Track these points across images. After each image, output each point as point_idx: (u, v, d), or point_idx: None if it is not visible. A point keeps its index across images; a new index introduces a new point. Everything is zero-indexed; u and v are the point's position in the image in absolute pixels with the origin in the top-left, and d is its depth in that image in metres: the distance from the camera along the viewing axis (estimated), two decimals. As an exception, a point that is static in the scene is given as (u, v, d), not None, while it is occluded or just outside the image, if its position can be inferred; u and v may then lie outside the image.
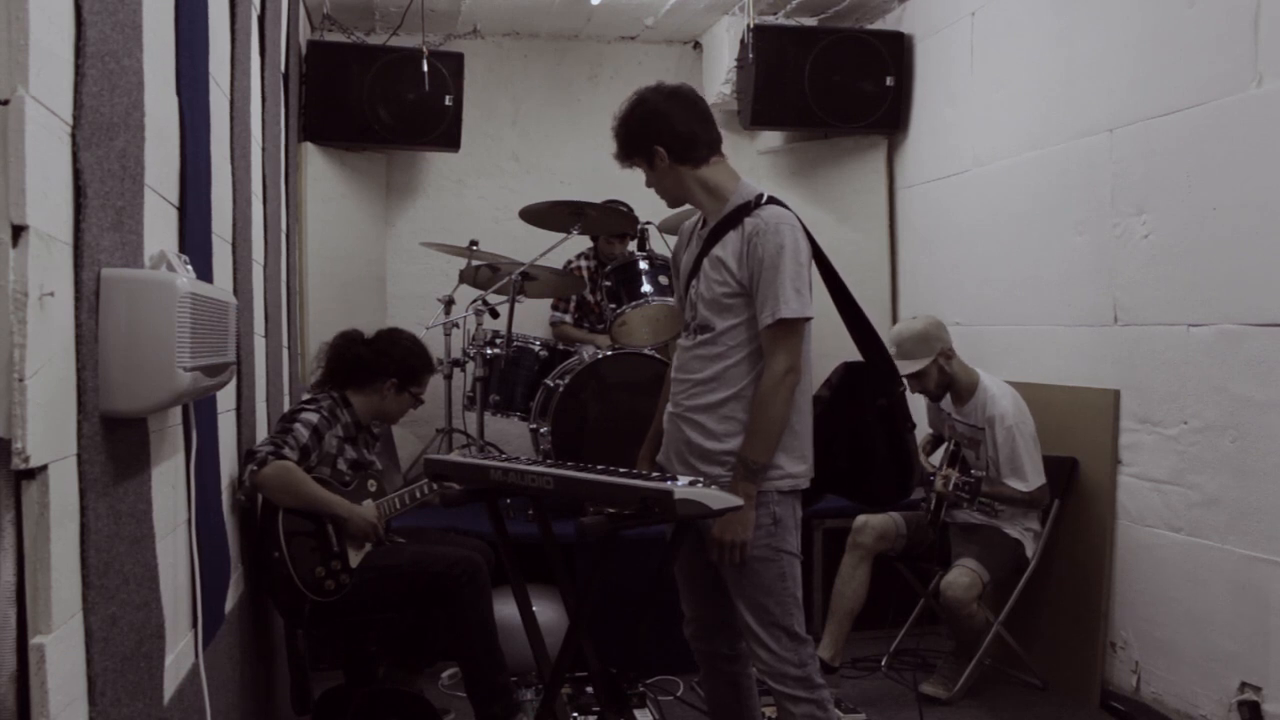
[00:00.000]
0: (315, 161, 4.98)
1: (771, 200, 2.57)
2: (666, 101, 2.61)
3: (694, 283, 2.61)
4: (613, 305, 4.18)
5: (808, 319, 2.49)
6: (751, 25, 5.00)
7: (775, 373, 2.47)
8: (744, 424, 2.52)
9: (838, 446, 2.68)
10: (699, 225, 2.69)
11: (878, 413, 2.71)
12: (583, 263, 5.04)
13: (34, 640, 1.33)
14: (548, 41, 5.68)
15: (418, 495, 3.29)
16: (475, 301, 4.34)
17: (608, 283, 4.22)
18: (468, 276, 4.42)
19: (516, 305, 4.15)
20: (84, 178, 1.48)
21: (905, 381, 2.93)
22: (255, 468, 2.91)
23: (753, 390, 2.52)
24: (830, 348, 3.00)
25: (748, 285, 2.50)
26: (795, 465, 2.54)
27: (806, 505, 2.61)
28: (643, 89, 2.65)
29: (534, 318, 5.02)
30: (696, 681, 3.48)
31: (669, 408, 2.68)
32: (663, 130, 2.59)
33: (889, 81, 5.01)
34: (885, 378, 2.71)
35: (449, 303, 4.52)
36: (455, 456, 3.13)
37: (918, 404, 3.78)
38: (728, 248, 2.53)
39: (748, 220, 2.52)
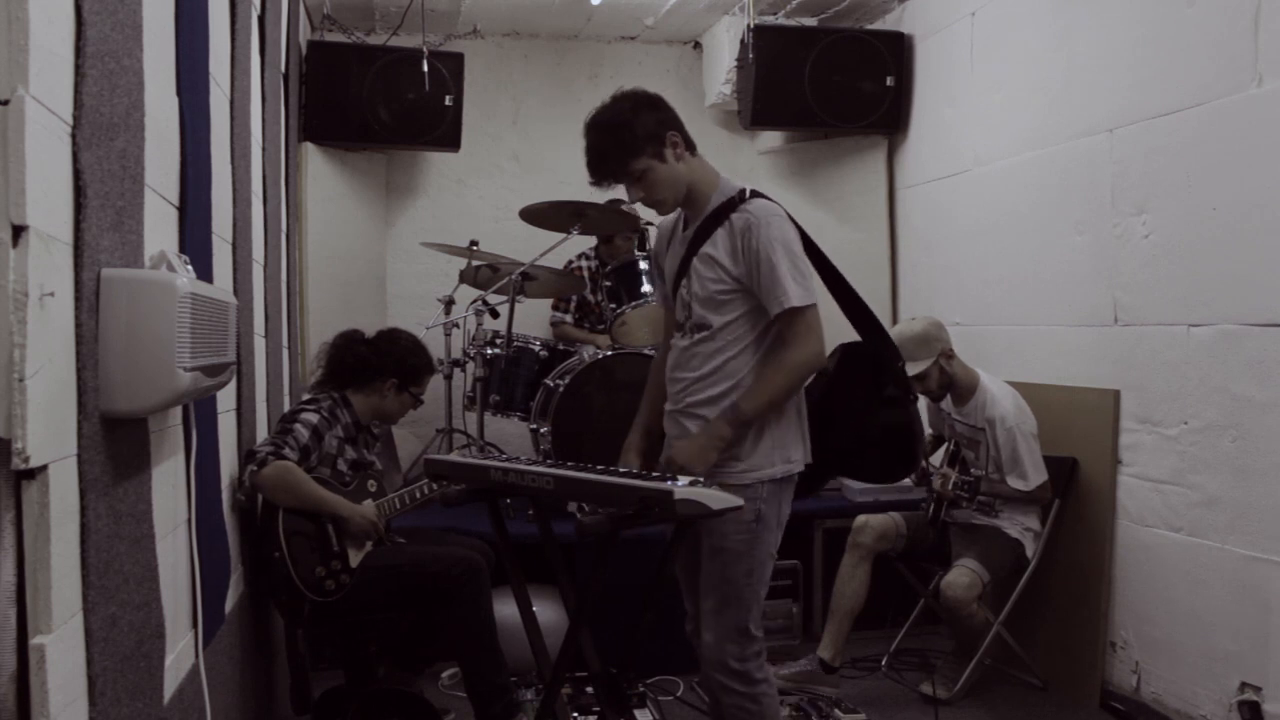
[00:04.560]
0: (315, 161, 4.98)
1: (755, 194, 2.56)
2: (647, 95, 2.57)
3: (684, 282, 2.59)
4: (613, 305, 4.17)
5: (814, 304, 2.48)
6: (751, 25, 5.00)
7: (810, 352, 2.45)
8: None
9: (839, 426, 2.67)
10: (679, 225, 2.68)
11: (877, 388, 2.70)
12: (583, 263, 5.04)
13: (34, 640, 1.33)
14: (548, 41, 5.68)
15: (418, 495, 3.29)
16: (475, 301, 4.34)
17: (608, 283, 4.22)
18: (468, 276, 4.41)
19: (516, 305, 4.15)
20: (84, 178, 1.48)
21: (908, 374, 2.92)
22: (255, 468, 2.92)
23: (753, 380, 2.51)
24: (828, 334, 2.98)
25: (745, 280, 2.49)
26: (793, 451, 2.54)
27: (811, 493, 2.59)
28: (605, 103, 2.55)
29: (534, 318, 5.02)
30: (696, 681, 3.48)
31: (668, 405, 2.67)
32: (671, 116, 2.56)
33: (889, 81, 5.01)
34: (883, 354, 2.71)
35: (449, 303, 4.52)
36: (455, 456, 3.14)
37: (918, 405, 3.78)
38: (719, 245, 2.52)
39: (735, 216, 2.51)
